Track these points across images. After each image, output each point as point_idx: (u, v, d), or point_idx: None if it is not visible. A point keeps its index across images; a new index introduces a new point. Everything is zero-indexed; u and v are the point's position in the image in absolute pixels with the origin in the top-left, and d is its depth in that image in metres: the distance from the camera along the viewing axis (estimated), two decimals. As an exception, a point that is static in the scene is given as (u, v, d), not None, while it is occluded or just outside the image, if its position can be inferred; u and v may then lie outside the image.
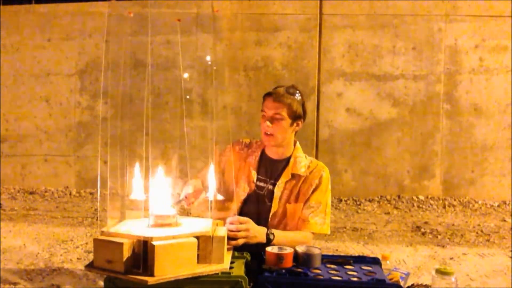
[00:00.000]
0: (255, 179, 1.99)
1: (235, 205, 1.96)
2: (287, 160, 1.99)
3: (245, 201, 1.99)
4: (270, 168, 2.00)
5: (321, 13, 5.31)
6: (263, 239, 1.75)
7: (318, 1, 5.30)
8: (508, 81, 5.18)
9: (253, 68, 5.40)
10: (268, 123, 1.89)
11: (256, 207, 1.98)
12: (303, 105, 1.95)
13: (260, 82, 5.36)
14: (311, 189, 1.94)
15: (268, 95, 1.92)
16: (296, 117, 1.92)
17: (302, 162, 1.97)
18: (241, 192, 2.00)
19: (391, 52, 5.29)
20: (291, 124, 1.92)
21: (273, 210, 1.94)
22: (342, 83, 5.33)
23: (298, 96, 1.92)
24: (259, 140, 2.07)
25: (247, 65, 5.40)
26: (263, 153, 2.03)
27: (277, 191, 1.95)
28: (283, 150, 1.99)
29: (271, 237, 1.77)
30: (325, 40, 5.33)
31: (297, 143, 2.03)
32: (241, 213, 1.96)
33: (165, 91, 5.33)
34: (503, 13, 5.14)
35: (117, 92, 1.56)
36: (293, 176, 1.96)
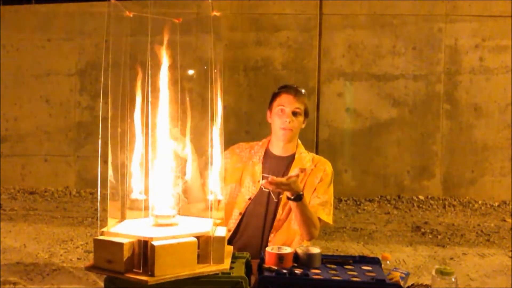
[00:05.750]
0: (260, 178, 2.00)
1: (239, 206, 1.98)
2: (292, 156, 2.02)
3: (252, 200, 2.00)
4: (276, 165, 2.02)
5: (321, 13, 5.31)
6: (299, 189, 1.79)
7: (318, 1, 5.30)
8: (508, 81, 5.18)
9: (253, 68, 5.39)
10: (291, 117, 1.93)
11: (263, 205, 1.99)
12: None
13: (260, 82, 5.36)
14: (317, 181, 1.97)
15: (286, 92, 1.97)
16: (306, 114, 2.01)
17: (306, 157, 2.03)
18: (246, 192, 2.01)
19: (391, 52, 5.28)
20: (303, 121, 2.01)
21: (282, 203, 1.95)
22: (342, 83, 5.33)
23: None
24: (260, 141, 2.09)
25: (247, 65, 5.40)
26: (267, 152, 2.05)
27: None
28: (290, 146, 2.03)
29: (300, 196, 1.79)
30: (325, 40, 5.33)
31: (299, 141, 2.08)
32: (247, 212, 1.98)
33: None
34: (503, 13, 5.14)
35: (117, 92, 1.55)
36: (301, 170, 1.97)
